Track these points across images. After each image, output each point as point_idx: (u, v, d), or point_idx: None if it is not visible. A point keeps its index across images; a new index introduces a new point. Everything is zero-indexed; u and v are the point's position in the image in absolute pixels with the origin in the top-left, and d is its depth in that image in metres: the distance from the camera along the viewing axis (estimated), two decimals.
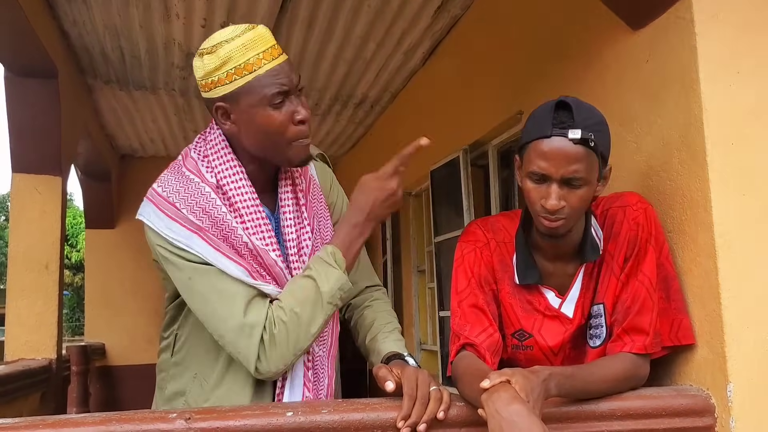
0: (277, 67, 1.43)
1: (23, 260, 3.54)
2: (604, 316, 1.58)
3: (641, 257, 1.56)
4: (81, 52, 4.26)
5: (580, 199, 1.47)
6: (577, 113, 1.44)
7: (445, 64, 4.14)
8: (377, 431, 1.37)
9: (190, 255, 1.43)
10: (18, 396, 3.12)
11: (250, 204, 1.48)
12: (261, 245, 1.46)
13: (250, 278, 1.43)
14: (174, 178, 1.49)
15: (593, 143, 1.43)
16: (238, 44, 1.41)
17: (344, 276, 1.46)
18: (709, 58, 1.59)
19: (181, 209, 1.44)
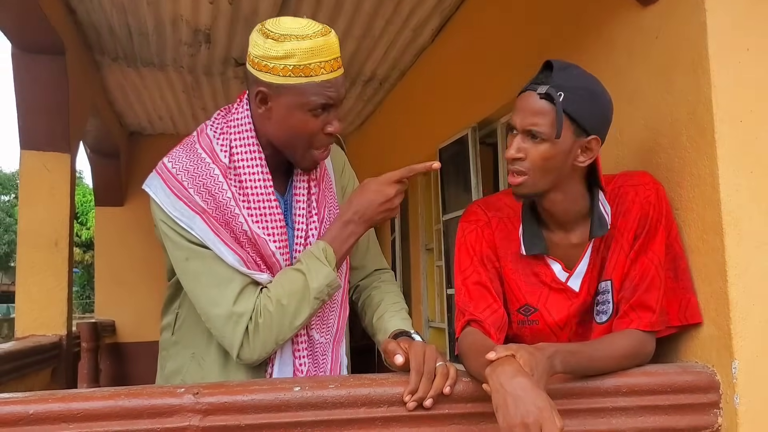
0: (332, 80, 1.44)
1: (33, 237, 3.57)
2: (611, 292, 1.59)
3: (651, 236, 1.56)
4: (88, 28, 4.25)
5: (540, 155, 1.49)
6: (556, 73, 1.49)
7: (454, 42, 4.11)
8: (384, 406, 1.38)
9: (191, 236, 1.44)
10: (29, 372, 3.16)
11: (261, 191, 1.49)
12: (262, 234, 1.47)
13: (245, 267, 1.45)
14: (185, 155, 1.49)
15: (556, 101, 1.46)
16: (306, 47, 1.41)
17: (333, 273, 1.47)
18: (719, 35, 1.57)
19: (188, 188, 1.45)
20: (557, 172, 1.53)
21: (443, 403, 1.40)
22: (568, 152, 1.50)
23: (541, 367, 1.29)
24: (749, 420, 1.47)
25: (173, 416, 1.32)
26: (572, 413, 1.44)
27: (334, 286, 1.48)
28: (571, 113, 1.48)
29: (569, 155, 1.51)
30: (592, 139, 1.52)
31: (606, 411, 1.45)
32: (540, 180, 1.53)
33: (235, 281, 1.44)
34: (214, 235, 1.44)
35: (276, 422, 1.34)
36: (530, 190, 1.54)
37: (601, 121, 1.54)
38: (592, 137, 1.52)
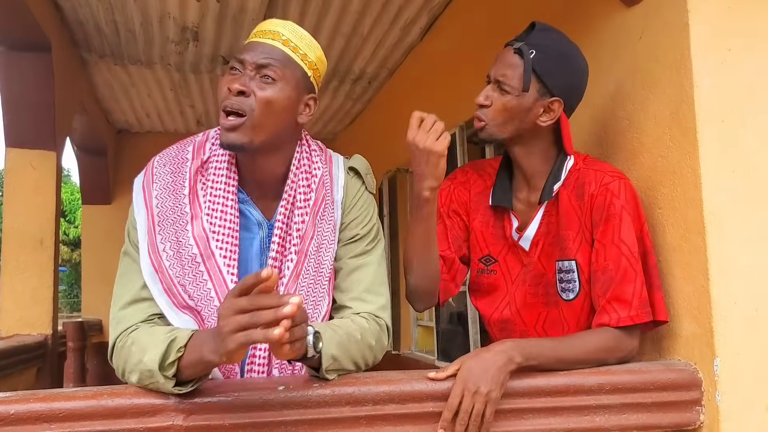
0: (253, 42, 1.46)
1: (18, 236, 3.54)
2: (576, 272, 1.64)
3: (614, 224, 1.57)
4: (75, 25, 4.22)
5: (503, 105, 1.61)
6: (535, 33, 1.62)
7: (443, 40, 4.11)
8: (368, 405, 1.38)
9: (134, 232, 1.45)
10: (13, 371, 3.14)
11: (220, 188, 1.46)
12: (209, 230, 1.43)
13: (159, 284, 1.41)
14: (175, 151, 1.51)
15: (530, 57, 1.57)
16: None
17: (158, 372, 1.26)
18: (701, 35, 1.59)
19: (154, 183, 1.46)
20: (516, 125, 1.63)
21: (428, 401, 1.40)
22: (528, 108, 1.61)
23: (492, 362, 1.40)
24: (731, 417, 1.49)
25: (156, 416, 1.31)
26: (556, 411, 1.45)
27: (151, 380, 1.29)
28: (539, 71, 1.58)
29: (530, 112, 1.61)
30: (555, 100, 1.61)
31: (589, 408, 1.46)
32: (499, 128, 1.64)
33: (136, 292, 1.42)
34: (145, 234, 1.43)
35: (260, 422, 1.33)
36: (489, 136, 1.66)
37: (568, 85, 1.62)
38: (555, 99, 1.61)
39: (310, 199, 1.50)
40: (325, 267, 1.49)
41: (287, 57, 1.43)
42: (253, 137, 1.40)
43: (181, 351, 1.24)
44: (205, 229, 1.42)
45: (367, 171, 1.62)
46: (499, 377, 1.38)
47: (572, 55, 1.64)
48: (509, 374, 1.41)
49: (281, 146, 1.48)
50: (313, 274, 1.48)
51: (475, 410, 1.36)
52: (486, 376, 1.38)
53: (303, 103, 1.47)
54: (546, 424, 1.44)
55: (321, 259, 1.49)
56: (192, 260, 1.41)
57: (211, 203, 1.45)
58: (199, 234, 1.42)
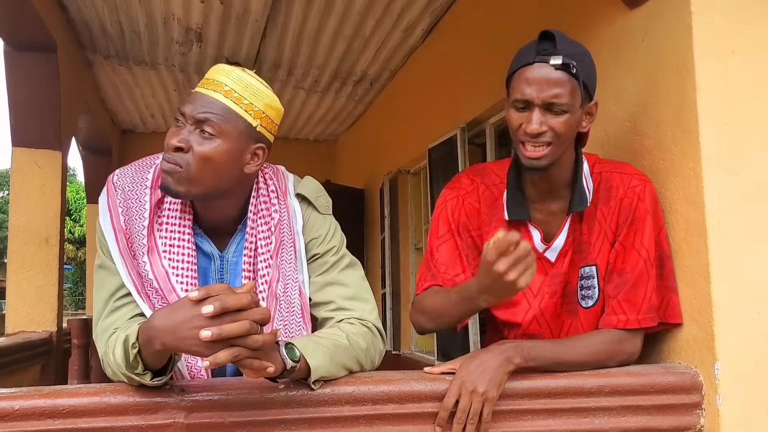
0: (197, 94, 1.45)
1: (23, 234, 3.56)
2: (596, 277, 1.61)
3: (638, 228, 1.57)
4: (80, 26, 4.24)
5: (563, 125, 1.50)
6: (559, 42, 1.50)
7: (444, 42, 4.12)
8: (368, 404, 1.39)
9: (106, 247, 1.46)
10: (18, 368, 3.15)
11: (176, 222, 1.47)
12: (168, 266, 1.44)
13: (137, 294, 1.44)
14: (132, 173, 1.51)
15: (575, 69, 1.49)
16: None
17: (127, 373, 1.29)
18: (704, 38, 1.59)
19: (118, 205, 1.46)
20: (570, 141, 1.57)
21: (427, 401, 1.41)
22: (580, 120, 1.56)
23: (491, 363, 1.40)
24: (731, 421, 1.49)
25: (158, 413, 1.32)
26: (555, 412, 1.45)
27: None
28: (585, 81, 1.52)
29: (580, 123, 1.56)
30: (594, 104, 1.58)
31: (589, 411, 1.47)
32: (560, 150, 1.54)
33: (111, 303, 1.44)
34: (120, 256, 1.44)
35: (261, 419, 1.34)
36: (549, 161, 1.54)
37: (595, 85, 1.59)
38: (594, 102, 1.58)
39: (270, 242, 1.50)
40: (294, 304, 1.50)
41: (227, 109, 1.39)
42: (189, 188, 1.40)
43: (136, 347, 1.24)
44: (164, 266, 1.44)
45: (317, 194, 1.59)
46: (497, 377, 1.38)
47: (588, 51, 1.57)
48: (507, 375, 1.41)
49: (228, 194, 1.48)
50: (286, 314, 1.49)
51: (472, 410, 1.36)
52: (484, 376, 1.38)
53: (249, 153, 1.43)
54: (546, 425, 1.45)
55: (289, 298, 1.50)
56: (155, 293, 1.44)
57: (168, 239, 1.46)
58: (159, 270, 1.44)
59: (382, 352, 1.50)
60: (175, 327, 1.16)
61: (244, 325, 1.13)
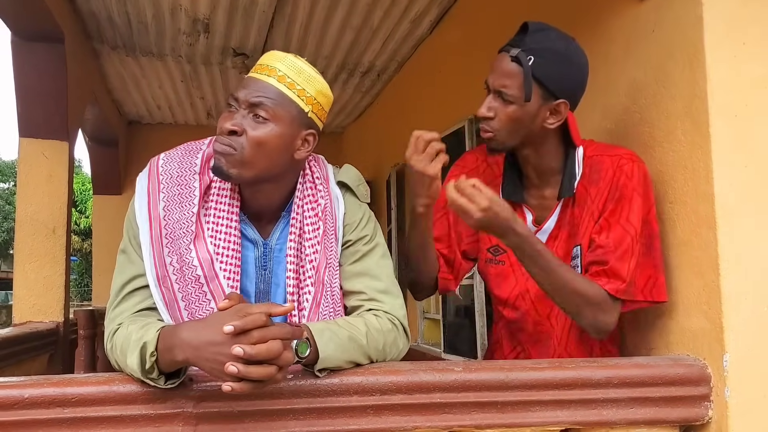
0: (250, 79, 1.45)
1: (30, 224, 3.56)
2: (579, 257, 1.64)
3: (625, 205, 1.59)
4: (87, 16, 4.24)
5: (508, 116, 1.58)
6: (530, 36, 1.56)
7: (452, 33, 4.10)
8: (376, 394, 1.39)
9: (135, 233, 1.46)
10: (26, 358, 3.17)
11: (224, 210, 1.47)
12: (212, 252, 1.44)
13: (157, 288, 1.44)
14: (180, 157, 1.50)
15: (529, 65, 1.53)
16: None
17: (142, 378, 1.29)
18: (715, 29, 1.58)
19: (161, 191, 1.46)
20: (525, 132, 1.61)
21: (435, 392, 1.41)
22: (534, 115, 1.58)
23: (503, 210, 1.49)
24: (740, 413, 1.48)
25: (167, 402, 1.33)
26: (563, 404, 1.45)
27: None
28: (540, 77, 1.54)
29: (536, 117, 1.59)
30: (561, 102, 1.58)
31: (597, 402, 1.46)
32: (507, 138, 1.62)
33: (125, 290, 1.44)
34: (150, 244, 1.44)
35: (269, 409, 1.35)
36: (498, 146, 1.65)
37: (571, 85, 1.59)
38: (560, 101, 1.58)
39: (318, 228, 1.51)
40: (336, 292, 1.52)
41: (281, 94, 1.40)
42: (241, 171, 1.40)
43: (154, 355, 1.25)
44: (209, 251, 1.43)
45: (358, 182, 1.60)
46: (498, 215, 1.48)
47: (570, 52, 1.59)
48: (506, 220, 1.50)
49: (278, 179, 1.48)
50: (331, 302, 1.50)
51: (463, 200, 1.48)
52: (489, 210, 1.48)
53: (300, 139, 1.45)
54: (554, 417, 1.45)
55: (332, 285, 1.51)
56: (195, 281, 1.43)
57: (215, 225, 1.45)
58: (204, 256, 1.43)
59: (402, 350, 1.49)
60: (201, 345, 1.18)
61: (276, 346, 1.16)
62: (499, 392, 1.43)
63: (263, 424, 1.35)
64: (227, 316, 1.18)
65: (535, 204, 1.72)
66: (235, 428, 1.35)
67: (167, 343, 1.23)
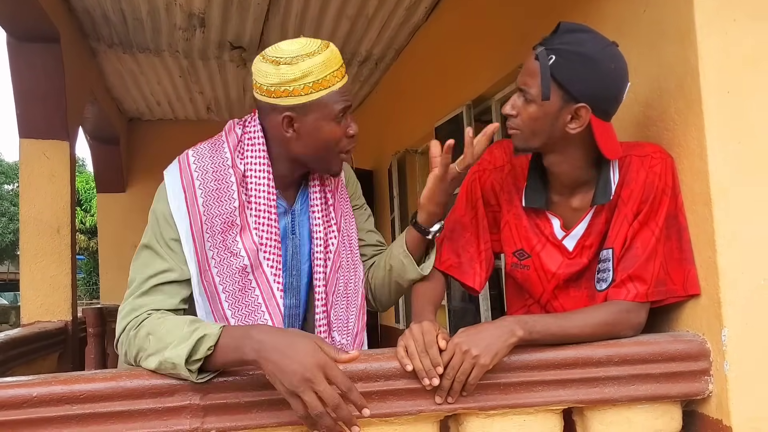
0: (345, 86, 1.53)
1: (34, 225, 3.58)
2: (611, 260, 1.60)
3: (656, 207, 1.57)
4: (82, 15, 4.25)
5: (529, 115, 1.54)
6: (559, 36, 1.51)
7: (448, 19, 4.10)
8: (381, 380, 1.41)
9: (169, 230, 1.50)
10: (36, 357, 3.20)
11: (264, 204, 1.55)
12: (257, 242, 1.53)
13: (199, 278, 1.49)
14: (210, 153, 1.56)
15: (549, 64, 1.48)
16: (319, 61, 1.47)
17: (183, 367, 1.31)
18: (705, 6, 1.58)
19: (197, 188, 1.51)
20: (546, 134, 1.56)
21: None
22: (555, 117, 1.52)
23: (491, 333, 1.43)
24: (739, 386, 1.50)
25: (174, 395, 1.35)
26: (565, 383, 1.47)
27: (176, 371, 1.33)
28: (559, 78, 1.49)
29: (557, 120, 1.52)
30: (581, 106, 1.50)
31: (598, 380, 1.48)
32: (530, 138, 1.58)
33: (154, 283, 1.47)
34: (192, 240, 1.50)
35: (275, 399, 1.36)
36: (522, 146, 1.60)
37: (594, 89, 1.49)
38: (580, 105, 1.50)
39: (329, 184, 1.68)
40: (353, 237, 1.72)
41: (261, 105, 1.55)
42: None
43: (211, 349, 1.29)
44: (255, 242, 1.52)
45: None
46: (494, 345, 1.40)
47: (599, 57, 1.50)
48: (508, 347, 1.42)
49: None
50: (348, 245, 1.69)
51: (462, 368, 1.38)
52: (481, 342, 1.40)
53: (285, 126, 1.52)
54: (556, 396, 1.47)
55: (349, 231, 1.71)
56: (241, 270, 1.51)
57: (257, 217, 1.54)
58: (250, 246, 1.51)
59: None
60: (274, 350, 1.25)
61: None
62: (501, 373, 1.45)
63: (270, 413, 1.37)
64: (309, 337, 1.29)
65: (563, 209, 1.67)
66: (242, 419, 1.37)
67: (237, 342, 1.28)
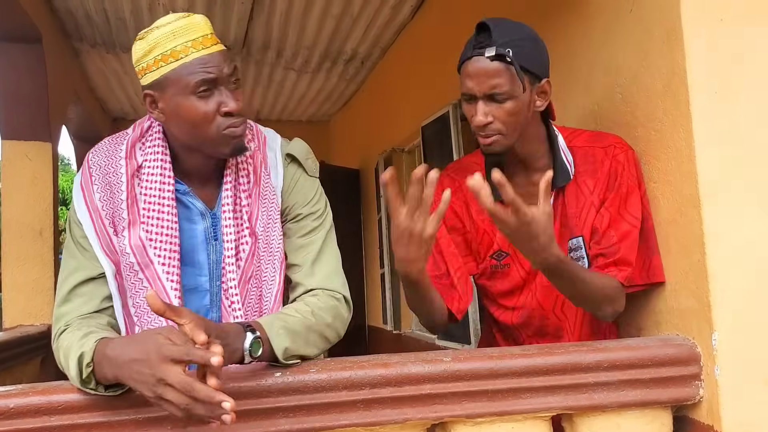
0: (206, 57, 1.36)
1: (17, 227, 3.55)
2: (584, 247, 1.65)
3: (624, 195, 1.63)
4: (65, 15, 4.20)
5: (508, 113, 1.56)
6: (495, 32, 1.54)
7: (433, 18, 4.08)
8: (366, 388, 1.38)
9: (79, 231, 1.44)
10: (18, 362, 3.16)
11: (155, 195, 1.44)
12: (145, 238, 1.42)
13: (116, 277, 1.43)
14: (107, 148, 1.48)
15: (510, 58, 1.51)
16: (167, 31, 1.36)
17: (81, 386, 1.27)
18: (692, 6, 1.56)
19: (93, 183, 1.45)
20: (523, 124, 1.61)
21: (425, 383, 1.40)
22: (529, 102, 1.59)
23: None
24: (730, 391, 1.48)
25: (154, 405, 1.31)
26: (554, 389, 1.45)
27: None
28: (524, 65, 1.54)
29: (530, 104, 1.59)
30: (545, 81, 1.60)
31: (587, 386, 1.46)
32: (512, 135, 1.60)
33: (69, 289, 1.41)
34: (96, 236, 1.43)
35: (258, 408, 1.34)
36: (503, 147, 1.61)
37: (545, 63, 1.61)
38: (544, 80, 1.60)
39: (251, 180, 1.50)
40: (273, 247, 1.50)
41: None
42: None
43: (90, 366, 1.23)
44: (141, 238, 1.42)
45: (306, 156, 1.58)
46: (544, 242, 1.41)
47: (532, 33, 1.61)
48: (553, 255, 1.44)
49: None
50: (264, 254, 1.49)
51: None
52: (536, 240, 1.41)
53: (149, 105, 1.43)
54: (545, 402, 1.44)
55: (269, 239, 1.49)
56: (130, 268, 1.42)
57: (146, 210, 1.43)
58: (135, 243, 1.42)
59: (345, 321, 1.48)
60: (125, 363, 1.16)
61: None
62: (489, 380, 1.42)
63: (253, 423, 1.34)
64: (155, 335, 1.15)
65: (524, 194, 1.63)
66: (224, 428, 1.33)
67: (98, 357, 1.22)
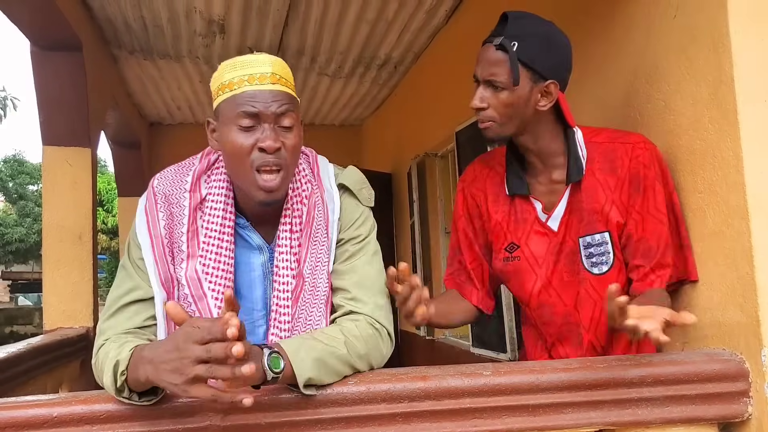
0: (256, 91, 1.37)
1: (57, 231, 3.61)
2: (610, 243, 1.66)
3: (650, 195, 1.64)
4: (104, 23, 4.26)
5: (502, 103, 1.61)
6: (510, 24, 1.62)
7: (468, 22, 4.05)
8: (405, 401, 1.37)
9: (137, 252, 1.45)
10: (58, 365, 3.20)
11: (216, 229, 1.45)
12: (201, 272, 1.43)
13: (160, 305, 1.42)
14: (172, 177, 1.50)
15: (514, 50, 1.57)
16: (233, 63, 1.40)
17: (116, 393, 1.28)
18: (740, 11, 1.52)
19: (159, 211, 1.46)
20: (520, 117, 1.64)
21: (464, 397, 1.39)
22: (527, 98, 1.61)
23: None
24: None
25: (194, 416, 1.32)
26: (596, 405, 1.42)
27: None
28: (526, 61, 1.58)
29: (529, 101, 1.62)
30: (550, 83, 1.61)
31: (631, 402, 1.43)
32: (505, 125, 1.65)
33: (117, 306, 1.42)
34: (154, 262, 1.43)
35: (297, 420, 1.33)
36: (497, 135, 1.67)
37: (556, 64, 1.62)
38: (549, 82, 1.61)
39: (302, 221, 1.49)
40: (320, 289, 1.47)
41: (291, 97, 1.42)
42: (286, 183, 1.43)
43: (124, 374, 1.24)
44: (197, 271, 1.43)
45: (361, 185, 1.56)
46: None
47: (550, 34, 1.63)
48: None
49: None
50: (309, 296, 1.46)
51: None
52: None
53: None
54: (587, 418, 1.42)
55: (316, 282, 1.47)
56: (184, 299, 1.43)
57: (206, 244, 1.44)
58: (191, 276, 1.43)
59: (385, 356, 1.44)
60: (156, 359, 1.18)
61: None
62: (530, 395, 1.41)
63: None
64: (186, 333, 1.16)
65: (544, 190, 1.74)
66: None
67: (134, 360, 1.23)
